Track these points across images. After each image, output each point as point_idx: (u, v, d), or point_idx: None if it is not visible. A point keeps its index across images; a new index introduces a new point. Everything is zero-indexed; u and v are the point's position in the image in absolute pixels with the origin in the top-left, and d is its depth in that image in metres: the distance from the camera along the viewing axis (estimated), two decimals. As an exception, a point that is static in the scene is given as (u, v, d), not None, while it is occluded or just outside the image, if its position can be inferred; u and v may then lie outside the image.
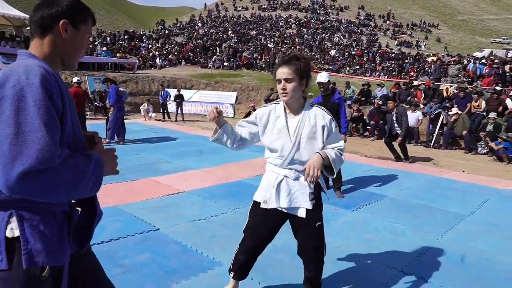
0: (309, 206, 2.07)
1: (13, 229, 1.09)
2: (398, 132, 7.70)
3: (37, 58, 1.18)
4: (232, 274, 2.35)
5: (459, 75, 14.74)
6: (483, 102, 10.91)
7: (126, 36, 30.54)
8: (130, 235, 3.41)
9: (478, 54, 27.29)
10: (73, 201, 1.29)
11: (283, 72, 1.99)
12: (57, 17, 1.19)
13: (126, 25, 77.32)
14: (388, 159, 8.09)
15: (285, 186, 2.08)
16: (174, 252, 3.10)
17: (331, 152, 2.01)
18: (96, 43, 23.95)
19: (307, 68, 2.03)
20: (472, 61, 20.12)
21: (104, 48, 21.95)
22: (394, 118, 7.75)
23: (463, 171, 7.03)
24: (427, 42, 45.08)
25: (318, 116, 2.06)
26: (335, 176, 2.13)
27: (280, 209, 2.11)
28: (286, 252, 3.11)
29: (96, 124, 11.97)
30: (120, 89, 9.22)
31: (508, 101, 10.75)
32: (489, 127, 9.52)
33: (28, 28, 17.29)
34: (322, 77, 4.97)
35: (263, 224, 2.19)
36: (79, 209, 1.33)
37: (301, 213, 2.08)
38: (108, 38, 28.00)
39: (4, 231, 1.08)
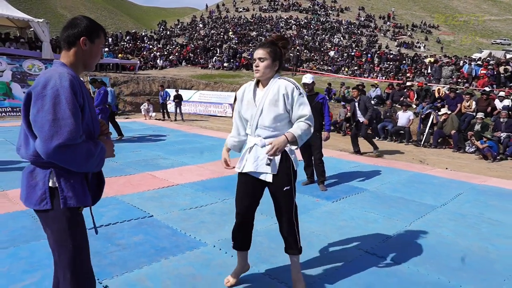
0: (273, 171, 2.33)
1: (53, 181, 1.59)
2: (360, 119, 8.32)
3: (66, 66, 1.65)
4: (232, 244, 2.59)
5: (453, 77, 15.03)
6: (474, 102, 11.24)
7: (128, 37, 30.97)
8: (126, 220, 3.78)
9: (477, 55, 27.58)
10: None
11: (258, 52, 2.36)
12: (78, 35, 1.66)
13: (129, 25, 77.82)
14: (378, 157, 8.44)
15: (254, 153, 2.39)
16: (165, 235, 3.47)
17: (296, 129, 2.26)
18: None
19: (280, 52, 2.38)
20: (467, 62, 20.45)
21: (106, 49, 22.35)
22: (357, 105, 8.37)
23: (446, 168, 7.37)
24: (427, 43, 45.37)
25: (281, 86, 2.32)
26: (298, 146, 2.36)
27: (251, 174, 2.42)
28: (265, 235, 3.47)
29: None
30: (108, 89, 9.44)
31: (497, 101, 11.08)
32: (477, 127, 9.84)
33: (31, 29, 17.71)
34: (307, 78, 5.35)
35: (243, 190, 2.51)
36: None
37: (268, 178, 2.37)
38: (110, 39, 28.40)
39: (48, 182, 1.59)
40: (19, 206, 4.10)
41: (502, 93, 11.39)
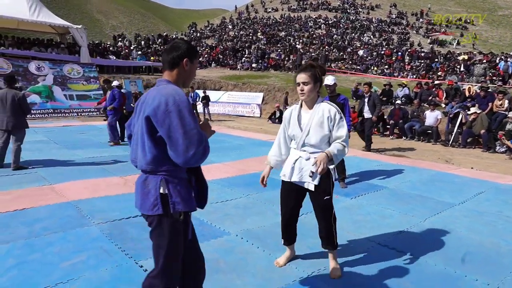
0: (315, 182, 2.65)
1: (163, 188, 1.80)
2: (366, 115, 8.61)
3: (171, 83, 1.88)
4: (283, 241, 2.97)
5: (485, 75, 14.63)
6: (506, 101, 10.97)
7: (159, 40, 32.02)
8: (158, 212, 4.17)
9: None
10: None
11: (301, 77, 2.65)
12: (181, 57, 1.88)
13: (161, 28, 79.99)
14: (402, 156, 8.49)
15: (299, 164, 2.71)
16: (193, 224, 3.81)
17: (333, 149, 2.57)
18: (132, 48, 25.42)
19: (320, 74, 2.68)
20: (503, 59, 19.73)
21: (139, 52, 23.27)
22: (366, 100, 8.58)
23: (472, 168, 7.34)
24: (462, 40, 43.80)
25: (325, 109, 2.65)
26: (334, 165, 2.67)
27: (295, 183, 2.75)
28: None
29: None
30: (123, 90, 9.59)
31: (531, 100, 10.75)
32: (509, 126, 9.62)
33: (70, 34, 18.80)
34: (329, 80, 5.57)
35: (287, 195, 2.84)
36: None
37: (310, 187, 2.68)
38: (143, 42, 29.50)
39: (159, 189, 1.79)
40: (65, 198, 4.60)
41: (536, 92, 11.01)
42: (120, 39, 32.98)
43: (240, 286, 2.69)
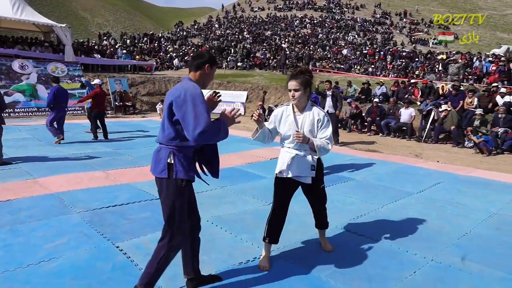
0: (313, 175, 2.98)
1: (170, 159, 2.30)
2: (330, 111, 9.14)
3: (193, 81, 2.37)
4: (267, 240, 3.02)
5: (459, 74, 15.23)
6: (476, 99, 11.54)
7: (145, 39, 32.04)
8: (137, 202, 4.48)
9: (496, 51, 27.31)
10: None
11: (292, 84, 2.90)
12: (204, 63, 2.40)
13: (147, 27, 79.53)
14: (375, 151, 8.92)
15: (296, 161, 2.97)
16: (168, 212, 4.13)
17: (318, 141, 2.86)
18: (117, 46, 25.43)
19: (310, 79, 2.95)
20: (478, 59, 20.46)
21: (124, 51, 23.33)
22: (330, 98, 9.24)
23: (438, 161, 7.80)
24: (462, 40, 44.77)
25: (315, 114, 2.94)
26: (318, 156, 2.97)
27: (292, 178, 3.00)
28: (252, 214, 4.08)
29: (116, 122, 13.26)
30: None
31: (498, 98, 11.34)
32: (476, 123, 10.16)
33: (55, 33, 18.79)
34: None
35: (281, 189, 3.08)
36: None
37: (308, 180, 2.97)
38: (128, 41, 29.50)
39: (167, 159, 2.29)
40: (48, 190, 4.86)
41: (503, 90, 11.62)
42: (105, 37, 32.89)
43: (206, 261, 3.02)
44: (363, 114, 12.78)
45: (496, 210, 4.54)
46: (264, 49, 30.21)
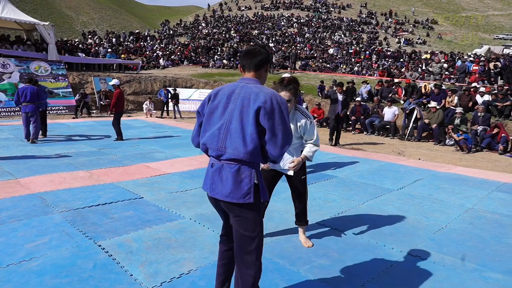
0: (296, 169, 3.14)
1: (256, 179, 1.99)
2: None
3: (259, 83, 2.08)
4: None
5: (441, 73, 15.55)
6: (456, 98, 11.82)
7: (131, 37, 31.72)
8: (120, 201, 4.48)
9: (477, 51, 27.90)
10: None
11: (286, 95, 3.04)
12: (265, 61, 2.10)
13: (133, 25, 78.65)
14: (359, 149, 9.07)
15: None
16: (151, 211, 4.16)
17: (308, 151, 3.08)
18: (102, 45, 25.14)
19: (298, 87, 3.14)
20: (460, 59, 20.88)
21: (109, 50, 23.08)
22: (340, 102, 9.41)
23: (419, 159, 7.98)
24: (428, 40, 45.58)
25: (299, 117, 3.13)
26: (311, 161, 3.21)
27: (278, 170, 3.24)
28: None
29: (101, 122, 13.14)
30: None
31: (478, 97, 11.63)
32: (456, 121, 10.41)
33: (38, 31, 18.47)
34: (285, 75, 6.01)
35: (269, 179, 3.23)
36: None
37: (291, 172, 3.21)
38: (114, 39, 29.18)
39: (253, 180, 1.97)
40: (30, 190, 4.82)
41: (482, 89, 11.93)
42: (90, 36, 32.44)
43: (188, 258, 3.06)
44: (348, 113, 12.94)
45: (472, 205, 4.70)
46: (251, 48, 30.17)
